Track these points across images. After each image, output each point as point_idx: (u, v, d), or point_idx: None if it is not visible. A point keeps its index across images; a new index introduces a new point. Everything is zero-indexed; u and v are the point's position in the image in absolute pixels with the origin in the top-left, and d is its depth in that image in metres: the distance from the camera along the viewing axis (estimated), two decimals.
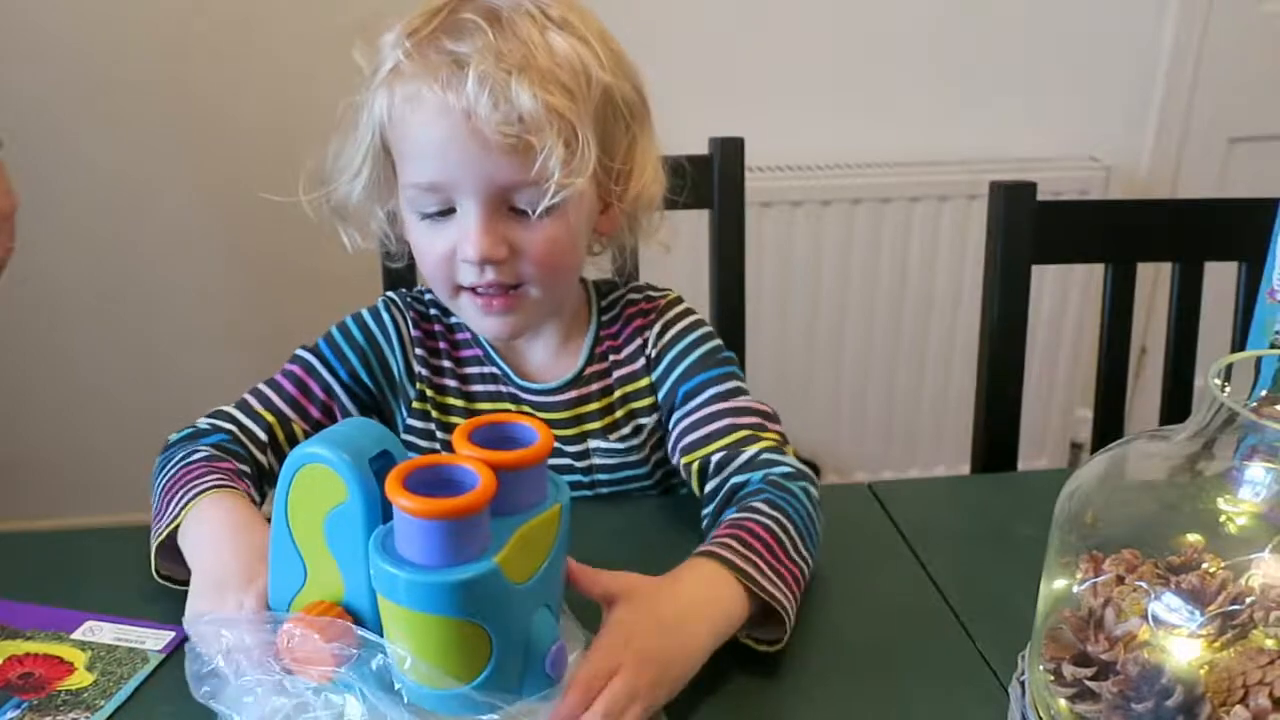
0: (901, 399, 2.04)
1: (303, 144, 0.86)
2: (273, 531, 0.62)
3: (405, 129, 0.80)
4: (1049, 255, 1.13)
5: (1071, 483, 0.65)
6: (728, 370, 0.90)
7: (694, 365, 0.90)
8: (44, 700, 0.68)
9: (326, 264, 1.73)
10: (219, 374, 1.91)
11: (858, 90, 1.91)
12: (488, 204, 0.79)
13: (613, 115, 0.83)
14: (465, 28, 0.78)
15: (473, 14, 0.78)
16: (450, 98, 0.76)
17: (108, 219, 1.80)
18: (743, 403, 0.87)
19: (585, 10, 0.83)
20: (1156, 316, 1.64)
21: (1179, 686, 0.55)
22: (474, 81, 0.75)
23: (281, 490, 0.61)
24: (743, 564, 0.72)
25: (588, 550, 0.69)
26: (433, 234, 0.82)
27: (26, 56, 1.68)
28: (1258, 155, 2.03)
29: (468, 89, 0.75)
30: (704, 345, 0.91)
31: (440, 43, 0.78)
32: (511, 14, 0.79)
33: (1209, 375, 0.60)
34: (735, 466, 0.83)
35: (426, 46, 0.78)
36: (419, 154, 0.80)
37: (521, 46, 0.77)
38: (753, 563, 0.73)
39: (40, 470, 1.94)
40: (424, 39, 0.79)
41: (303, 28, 1.72)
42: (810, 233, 1.87)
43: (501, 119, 0.76)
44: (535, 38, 0.78)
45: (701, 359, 0.90)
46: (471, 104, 0.76)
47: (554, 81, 0.77)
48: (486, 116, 0.76)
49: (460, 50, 0.77)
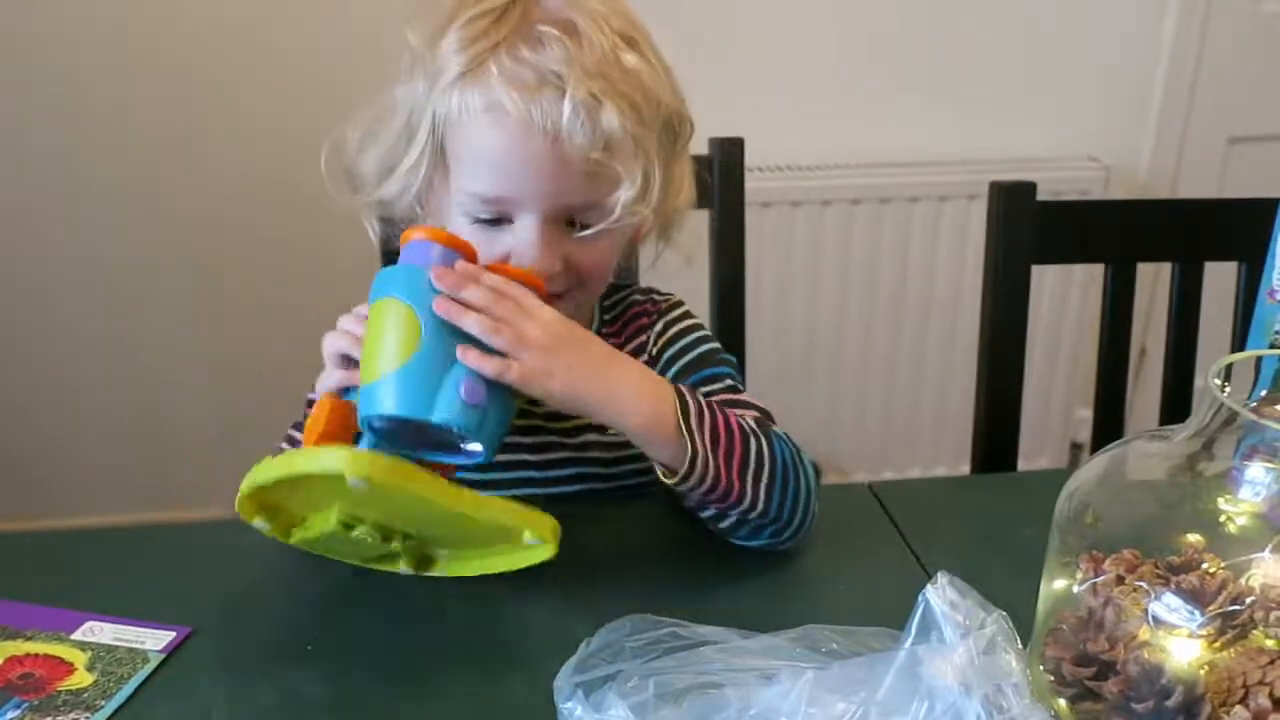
0: (901, 399, 2.04)
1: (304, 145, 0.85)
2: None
3: (477, 139, 0.78)
4: (1049, 255, 1.13)
5: (1071, 483, 0.65)
6: (725, 371, 0.90)
7: (692, 364, 0.90)
8: (44, 700, 0.68)
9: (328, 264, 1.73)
10: (220, 374, 1.92)
11: (858, 90, 1.91)
12: (549, 219, 0.79)
13: (670, 137, 0.83)
14: (544, 39, 0.76)
15: (546, 24, 0.76)
16: (536, 115, 0.75)
17: (109, 220, 1.80)
18: (740, 400, 0.88)
19: (635, 17, 0.82)
20: (1156, 316, 1.64)
21: (1179, 686, 0.55)
22: (569, 104, 0.74)
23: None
24: (693, 405, 0.76)
25: (588, 550, 0.69)
26: (484, 238, 0.80)
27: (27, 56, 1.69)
28: (1258, 155, 2.03)
29: (563, 112, 0.74)
30: (703, 346, 0.92)
31: (519, 52, 0.76)
32: (584, 26, 0.77)
33: (1209, 375, 0.60)
34: None
35: (504, 55, 0.76)
36: (488, 164, 0.78)
37: (602, 65, 0.76)
38: (701, 421, 0.76)
39: (40, 470, 1.94)
40: (499, 46, 0.76)
41: (305, 28, 1.72)
42: (810, 233, 1.87)
43: (589, 144, 0.75)
44: (611, 56, 0.77)
45: (700, 358, 0.90)
46: (561, 126, 0.74)
47: (633, 106, 0.77)
48: (575, 140, 0.75)
49: (546, 65, 0.75)
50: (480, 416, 0.70)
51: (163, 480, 1.95)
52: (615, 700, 0.60)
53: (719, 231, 1.16)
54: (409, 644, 0.73)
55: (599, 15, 0.78)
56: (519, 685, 0.69)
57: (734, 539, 0.82)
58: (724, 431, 0.78)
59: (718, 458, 0.76)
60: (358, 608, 0.77)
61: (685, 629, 0.67)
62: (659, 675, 0.62)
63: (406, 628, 0.75)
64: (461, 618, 0.76)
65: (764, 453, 0.79)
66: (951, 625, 0.58)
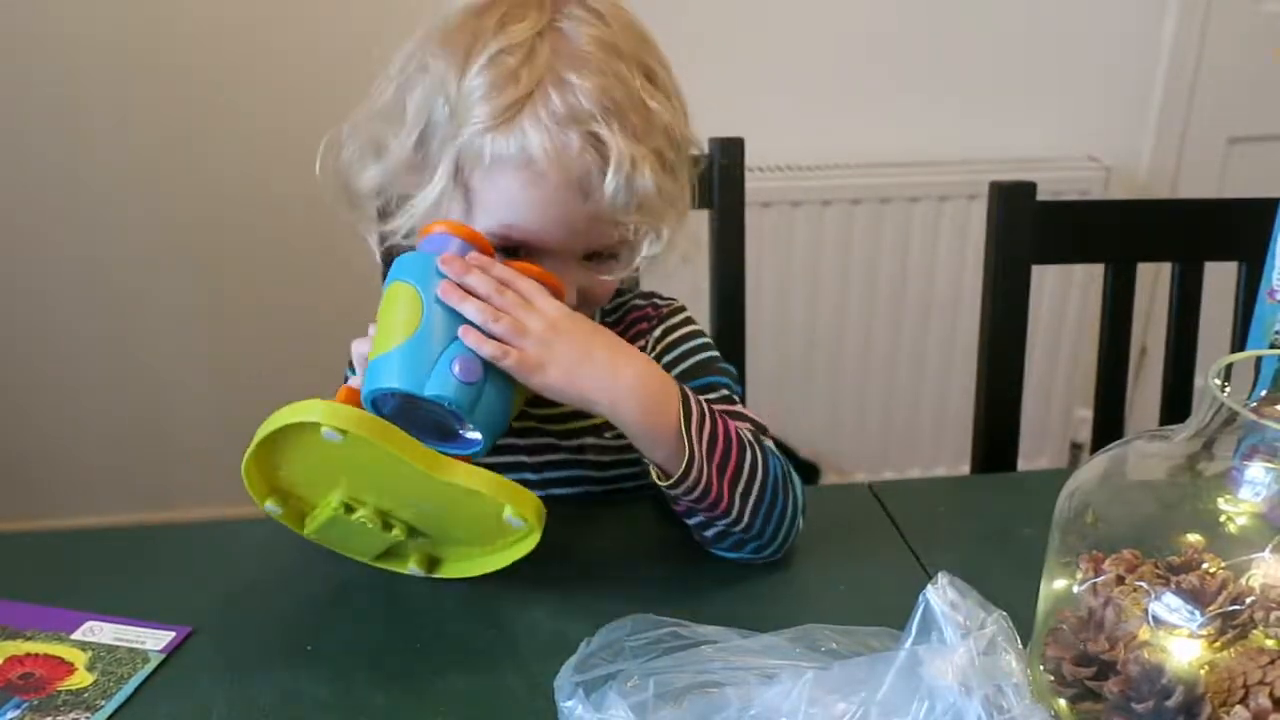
0: (901, 399, 2.04)
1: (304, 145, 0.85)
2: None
3: (506, 187, 0.77)
4: (1049, 255, 1.13)
5: (1071, 483, 0.65)
6: (722, 381, 0.90)
7: (688, 372, 0.90)
8: (44, 700, 0.68)
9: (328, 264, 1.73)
10: (220, 374, 1.92)
11: (858, 90, 1.91)
12: (568, 256, 0.79)
13: (687, 172, 0.84)
14: (576, 89, 0.74)
15: (575, 66, 0.75)
16: (572, 175, 0.74)
17: (109, 220, 1.80)
18: (735, 411, 0.87)
19: (648, 35, 0.81)
20: (1156, 316, 1.64)
21: (1179, 686, 0.55)
22: (611, 174, 0.74)
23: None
24: (695, 410, 0.76)
25: (588, 550, 0.69)
26: (499, 258, 0.79)
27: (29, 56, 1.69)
28: (1258, 155, 2.03)
29: (599, 173, 0.74)
30: (701, 354, 0.91)
31: (552, 104, 0.74)
32: (612, 66, 0.76)
33: (1209, 375, 0.60)
34: None
35: (539, 107, 0.74)
36: (516, 212, 0.77)
37: (633, 114, 0.75)
38: (702, 427, 0.75)
39: (40, 470, 1.94)
40: (532, 96, 0.75)
41: (305, 28, 1.72)
42: (810, 233, 1.87)
43: (625, 207, 0.76)
44: (639, 100, 0.76)
45: (697, 366, 0.90)
46: (593, 185, 0.75)
47: (662, 159, 0.77)
48: (610, 201, 0.75)
49: (581, 119, 0.74)
50: (475, 395, 0.71)
51: (163, 480, 1.96)
52: (615, 700, 0.60)
53: (719, 231, 1.16)
54: (409, 644, 0.73)
55: (623, 51, 0.78)
56: (519, 685, 0.69)
57: (716, 549, 0.82)
58: (722, 440, 0.77)
59: (712, 466, 0.76)
60: (358, 608, 0.77)
61: (685, 629, 0.67)
62: (659, 675, 0.62)
63: (406, 628, 0.75)
64: (461, 618, 0.76)
65: (757, 467, 0.79)
66: (952, 625, 0.58)
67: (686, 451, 0.75)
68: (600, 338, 0.77)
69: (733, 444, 0.78)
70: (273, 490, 0.75)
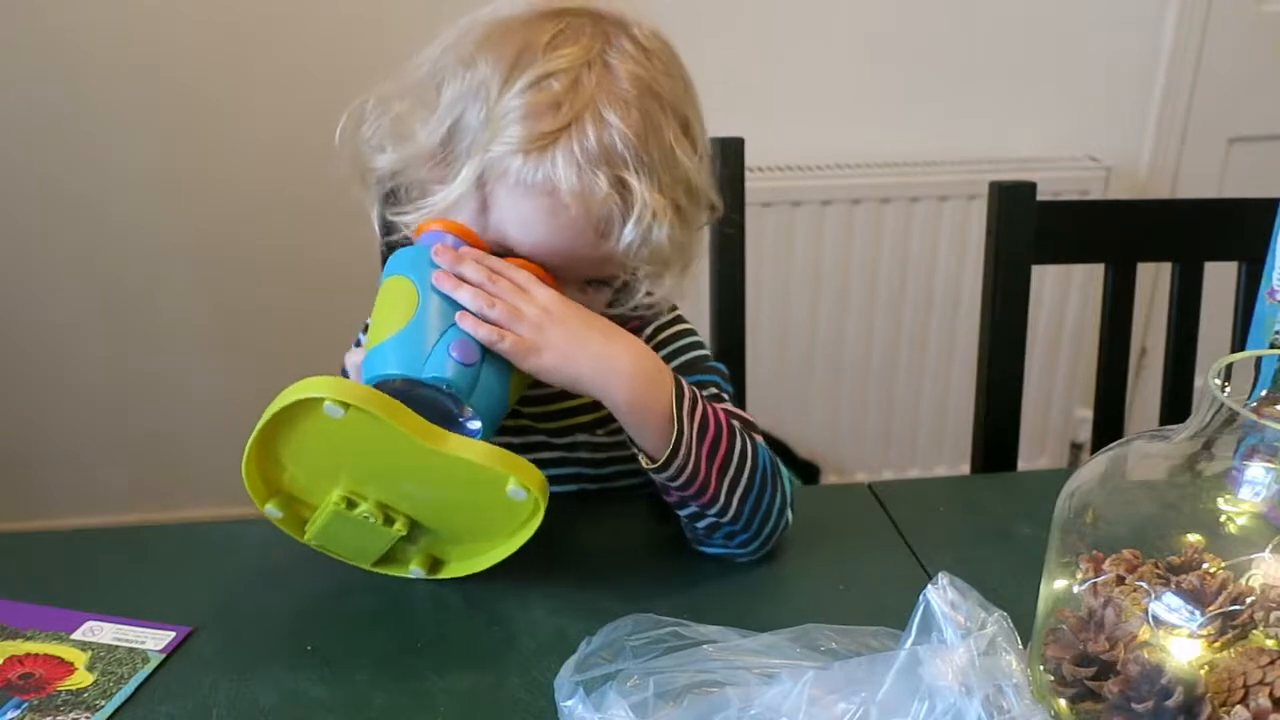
0: (901, 399, 2.04)
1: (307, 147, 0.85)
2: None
3: (526, 209, 0.76)
4: (1049, 255, 1.13)
5: (1071, 483, 0.65)
6: (711, 379, 0.90)
7: (679, 369, 0.89)
8: (44, 700, 0.68)
9: (330, 265, 1.73)
10: (221, 375, 1.92)
11: (858, 90, 1.91)
12: (567, 278, 0.79)
13: (698, 218, 0.84)
14: (614, 135, 0.74)
15: (616, 108, 0.75)
16: (594, 214, 0.75)
17: (110, 220, 1.80)
18: (726, 407, 0.87)
19: (688, 79, 0.82)
20: (1156, 316, 1.64)
21: (1179, 686, 0.55)
22: (632, 224, 0.75)
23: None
24: (688, 394, 0.76)
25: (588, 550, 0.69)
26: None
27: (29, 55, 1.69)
28: (1258, 155, 2.03)
29: (620, 220, 0.75)
30: (690, 353, 0.91)
31: (586, 142, 0.74)
32: (653, 112, 0.76)
33: (1209, 375, 0.60)
34: None
35: (574, 144, 0.74)
36: (530, 233, 0.77)
37: (663, 166, 0.76)
38: (694, 411, 0.76)
39: (40, 470, 1.94)
40: (570, 129, 0.74)
41: (307, 28, 1.72)
42: (810, 233, 1.87)
43: (640, 254, 0.77)
44: (670, 151, 0.77)
45: (685, 365, 0.90)
46: (616, 233, 0.75)
47: (681, 211, 0.78)
48: (624, 247, 0.76)
49: (611, 164, 0.74)
50: (472, 378, 0.71)
51: (163, 480, 1.96)
52: (615, 699, 0.60)
53: (718, 231, 1.16)
54: (409, 644, 0.73)
55: (664, 97, 0.77)
56: (519, 685, 0.69)
57: (706, 547, 0.82)
58: (713, 426, 0.78)
59: (702, 450, 0.76)
60: (358, 608, 0.77)
61: (685, 628, 0.67)
62: (659, 674, 0.63)
63: (406, 627, 0.75)
64: (461, 618, 0.76)
65: (746, 455, 0.79)
66: (952, 625, 0.58)
67: (676, 430, 0.75)
68: (595, 321, 0.77)
69: (723, 431, 0.78)
70: (273, 492, 0.75)
